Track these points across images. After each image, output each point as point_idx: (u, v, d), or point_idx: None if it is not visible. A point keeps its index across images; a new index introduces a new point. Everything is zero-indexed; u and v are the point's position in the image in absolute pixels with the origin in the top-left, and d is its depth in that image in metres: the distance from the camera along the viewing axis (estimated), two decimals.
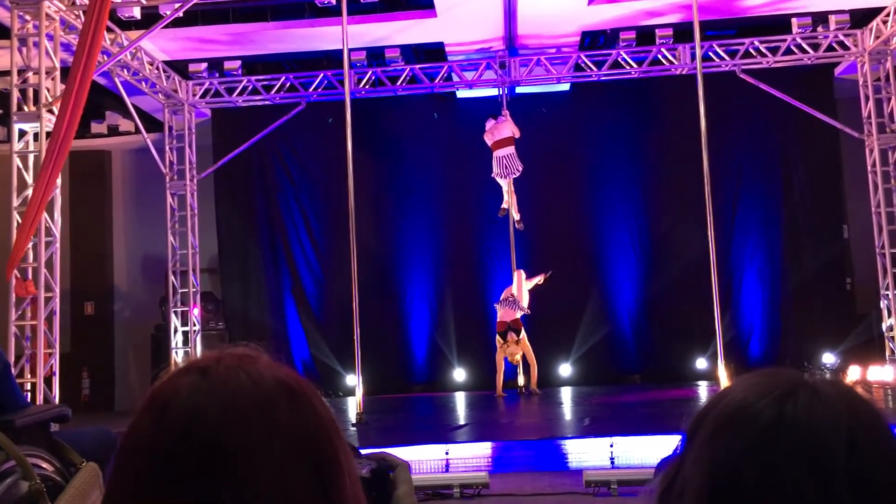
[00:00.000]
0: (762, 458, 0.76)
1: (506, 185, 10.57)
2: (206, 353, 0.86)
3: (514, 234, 10.87)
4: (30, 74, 8.31)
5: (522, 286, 10.39)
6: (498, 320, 10.32)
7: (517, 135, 10.56)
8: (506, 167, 10.38)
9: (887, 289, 10.64)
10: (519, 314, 10.26)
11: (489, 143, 10.62)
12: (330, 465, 0.81)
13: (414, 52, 11.46)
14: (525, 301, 10.37)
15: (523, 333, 10.21)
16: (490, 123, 10.67)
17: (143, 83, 10.78)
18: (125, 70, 10.26)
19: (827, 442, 0.75)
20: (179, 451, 0.76)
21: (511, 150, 10.39)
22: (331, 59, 11.30)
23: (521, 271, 10.54)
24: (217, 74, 11.60)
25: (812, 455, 0.75)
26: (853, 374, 10.05)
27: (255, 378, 0.82)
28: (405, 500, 1.15)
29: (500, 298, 10.44)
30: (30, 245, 7.91)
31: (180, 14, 8.79)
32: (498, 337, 10.28)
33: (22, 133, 8.35)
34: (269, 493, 0.76)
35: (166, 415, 0.79)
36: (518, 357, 10.26)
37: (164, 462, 0.77)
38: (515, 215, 10.63)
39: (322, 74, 11.40)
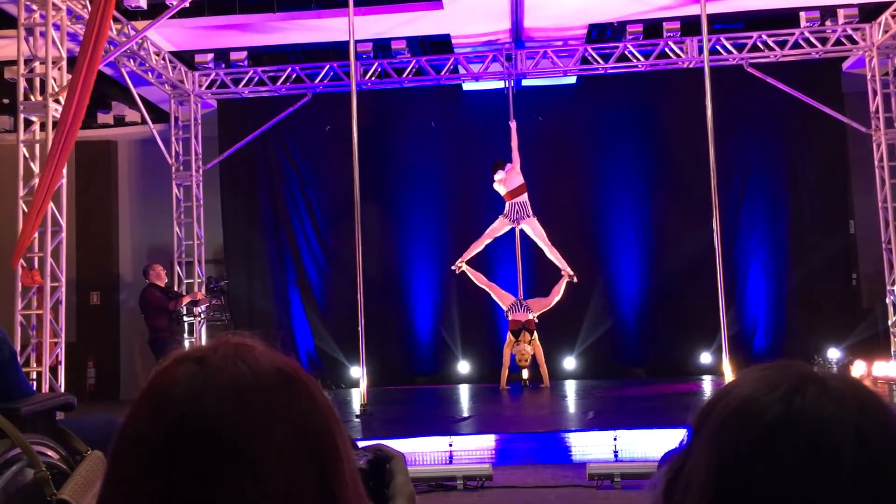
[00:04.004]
0: (769, 453, 0.75)
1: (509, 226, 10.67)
2: (203, 342, 0.86)
3: (520, 233, 10.86)
4: (36, 64, 8.31)
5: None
6: (511, 319, 10.37)
7: (517, 163, 10.59)
8: (517, 212, 10.57)
9: (893, 284, 10.62)
10: (531, 315, 10.35)
11: (502, 193, 10.68)
12: (329, 453, 0.81)
13: (420, 44, 11.43)
14: (536, 306, 10.44)
15: (536, 335, 10.27)
16: (499, 175, 10.63)
17: (150, 73, 10.77)
18: (131, 60, 10.26)
19: (835, 437, 0.75)
20: (179, 442, 0.77)
21: (524, 197, 10.56)
22: (337, 50, 11.28)
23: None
24: (223, 65, 11.59)
25: (819, 450, 0.74)
26: (858, 369, 10.03)
27: (252, 367, 0.82)
28: (404, 489, 1.16)
29: (507, 308, 10.47)
30: (36, 235, 7.93)
31: (186, 4, 8.78)
32: (510, 334, 10.32)
33: (28, 123, 8.36)
34: (270, 481, 0.76)
35: (165, 406, 0.79)
36: (528, 359, 10.31)
37: (164, 453, 0.77)
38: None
39: (328, 66, 11.38)
